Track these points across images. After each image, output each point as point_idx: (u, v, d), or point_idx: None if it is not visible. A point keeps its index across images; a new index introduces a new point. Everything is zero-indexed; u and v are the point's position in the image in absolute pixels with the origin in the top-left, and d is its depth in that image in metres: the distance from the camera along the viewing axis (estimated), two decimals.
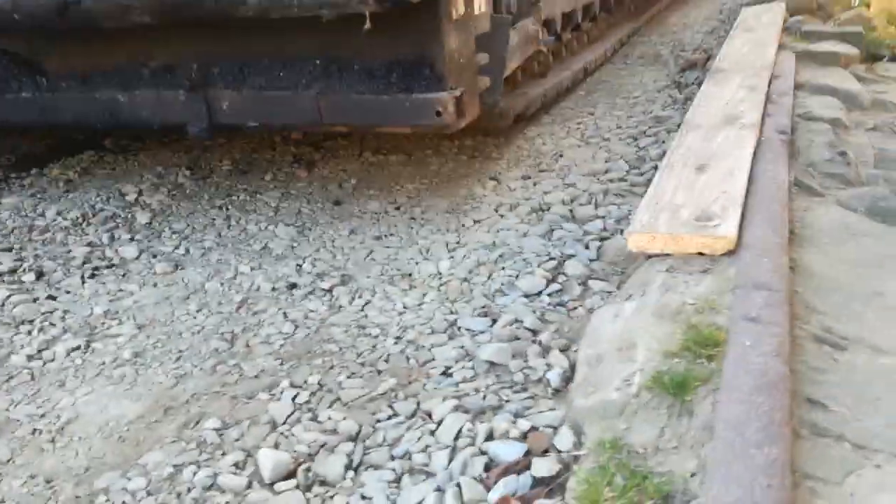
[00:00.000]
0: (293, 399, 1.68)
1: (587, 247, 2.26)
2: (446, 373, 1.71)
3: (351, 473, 1.43)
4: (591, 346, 1.57)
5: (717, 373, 1.37)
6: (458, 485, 1.31)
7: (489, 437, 1.44)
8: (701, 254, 1.81)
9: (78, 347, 1.99)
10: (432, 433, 1.49)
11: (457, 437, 1.45)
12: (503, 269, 2.17)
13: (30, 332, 2.09)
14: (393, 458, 1.44)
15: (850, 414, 1.36)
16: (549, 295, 1.99)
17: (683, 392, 1.33)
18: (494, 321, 1.89)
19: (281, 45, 2.41)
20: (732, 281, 1.67)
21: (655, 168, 2.84)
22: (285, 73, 2.44)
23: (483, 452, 1.39)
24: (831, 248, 1.98)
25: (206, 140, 3.27)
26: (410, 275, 2.24)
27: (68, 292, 2.32)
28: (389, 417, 1.58)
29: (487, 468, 1.35)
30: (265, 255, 2.50)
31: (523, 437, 1.42)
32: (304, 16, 2.08)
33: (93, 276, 2.43)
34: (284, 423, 1.60)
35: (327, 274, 2.31)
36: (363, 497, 1.36)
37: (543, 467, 1.30)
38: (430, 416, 1.55)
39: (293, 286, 2.25)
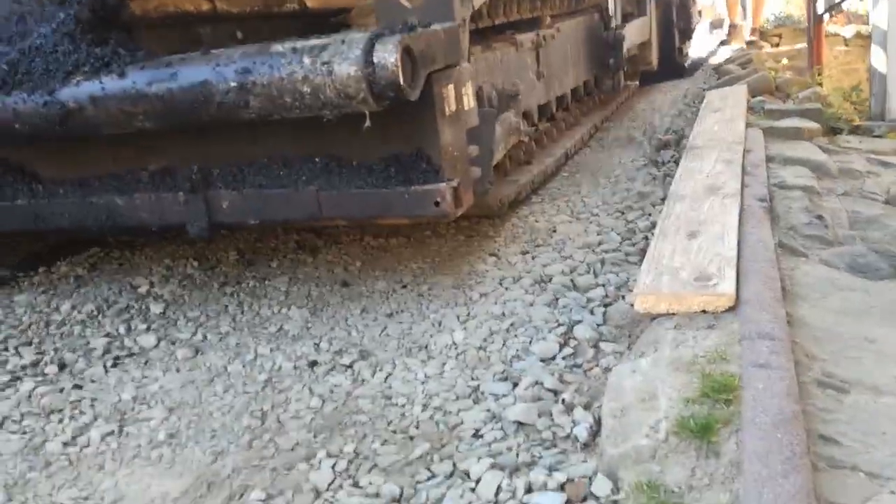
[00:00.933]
0: (332, 467, 1.75)
1: (592, 312, 2.40)
2: (477, 434, 1.80)
3: None
4: (615, 399, 1.67)
5: (736, 415, 1.49)
6: None
7: (528, 490, 1.52)
8: (704, 311, 1.95)
9: (112, 432, 2.04)
10: (473, 490, 1.57)
11: (497, 493, 1.53)
12: (516, 336, 2.29)
13: (61, 421, 2.14)
14: None
15: (860, 447, 1.48)
16: (563, 358, 2.11)
17: (708, 434, 1.44)
18: (515, 384, 1.99)
19: (280, 145, 2.51)
20: (737, 334, 1.80)
21: (646, 238, 3.02)
22: (285, 171, 2.52)
23: None
24: (821, 302, 2.14)
25: (205, 239, 3.31)
26: (427, 346, 2.35)
27: (93, 381, 2.38)
28: (429, 479, 1.65)
29: None
30: (282, 337, 2.59)
31: (561, 487, 1.50)
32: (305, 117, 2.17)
33: (115, 364, 2.49)
34: (327, 489, 1.67)
35: (346, 351, 2.41)
36: None
37: None
38: (467, 474, 1.63)
39: (314, 363, 2.34)
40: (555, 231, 3.33)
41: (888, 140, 4.36)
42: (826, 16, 8.00)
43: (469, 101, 2.51)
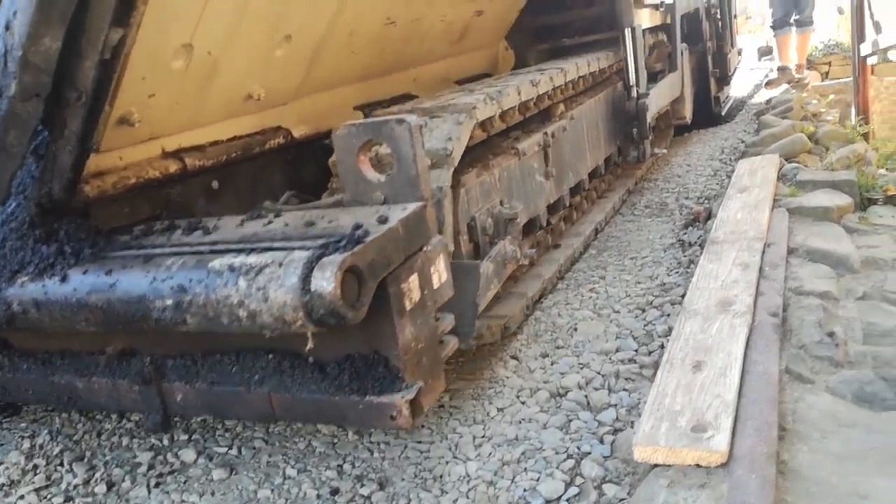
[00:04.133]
0: None
1: (602, 441, 2.49)
2: None
3: None
4: None
5: None
6: None
7: None
8: (698, 465, 2.03)
9: None
10: None
11: None
12: (525, 471, 2.40)
13: None
14: None
15: None
16: (566, 501, 2.21)
17: None
18: None
19: (232, 342, 2.38)
20: (725, 497, 1.88)
21: (661, 346, 3.09)
22: (237, 368, 2.39)
23: None
24: (820, 444, 2.19)
25: (161, 433, 3.07)
26: (441, 477, 2.47)
27: (137, 503, 2.59)
28: None
29: None
30: (309, 455, 2.76)
31: None
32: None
33: (157, 484, 2.70)
34: None
35: (366, 476, 2.55)
36: None
37: None
38: None
39: (336, 491, 2.50)
40: (575, 330, 3.42)
41: None
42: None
43: (440, 277, 2.29)
